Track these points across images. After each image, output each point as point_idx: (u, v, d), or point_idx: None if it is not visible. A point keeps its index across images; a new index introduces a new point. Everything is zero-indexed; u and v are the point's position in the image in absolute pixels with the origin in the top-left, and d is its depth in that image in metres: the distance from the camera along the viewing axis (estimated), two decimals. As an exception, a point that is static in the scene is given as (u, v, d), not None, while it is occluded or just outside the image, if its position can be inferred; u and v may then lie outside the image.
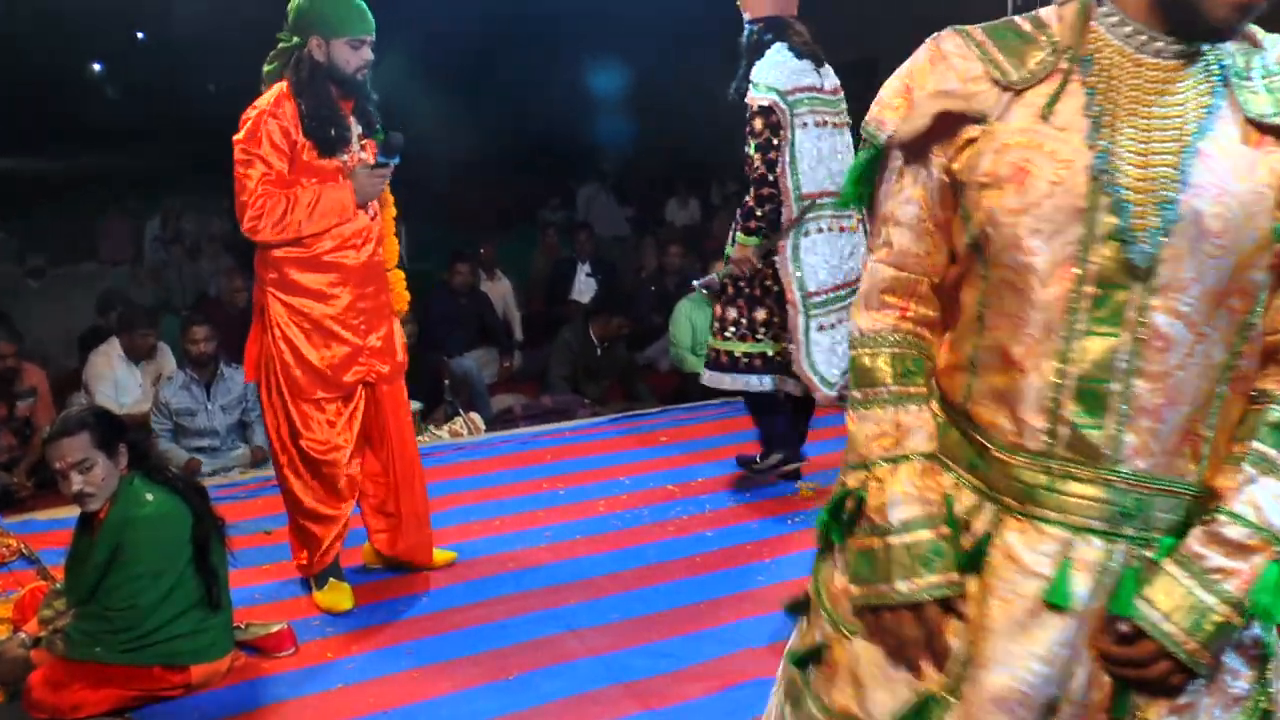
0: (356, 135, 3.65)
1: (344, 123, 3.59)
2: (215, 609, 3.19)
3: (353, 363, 3.68)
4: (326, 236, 3.57)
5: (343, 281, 3.63)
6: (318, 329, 3.62)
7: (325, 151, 3.53)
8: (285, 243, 3.53)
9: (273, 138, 3.46)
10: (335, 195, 3.55)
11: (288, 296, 3.59)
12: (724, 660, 3.39)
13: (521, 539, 4.29)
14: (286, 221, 3.48)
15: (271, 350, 3.62)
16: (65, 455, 3.02)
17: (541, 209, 14.57)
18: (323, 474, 3.67)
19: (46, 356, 6.73)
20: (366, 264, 3.69)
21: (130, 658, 3.05)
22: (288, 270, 3.57)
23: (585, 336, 6.75)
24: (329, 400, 3.67)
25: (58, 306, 9.33)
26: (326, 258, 3.59)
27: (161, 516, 3.08)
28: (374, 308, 3.74)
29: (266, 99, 3.52)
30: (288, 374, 3.61)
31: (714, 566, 4.04)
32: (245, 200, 3.47)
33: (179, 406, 5.60)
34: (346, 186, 3.57)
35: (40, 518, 4.59)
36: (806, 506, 4.58)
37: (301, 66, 3.52)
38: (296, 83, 3.51)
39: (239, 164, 3.48)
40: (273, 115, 3.47)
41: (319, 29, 3.49)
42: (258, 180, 3.45)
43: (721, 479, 4.92)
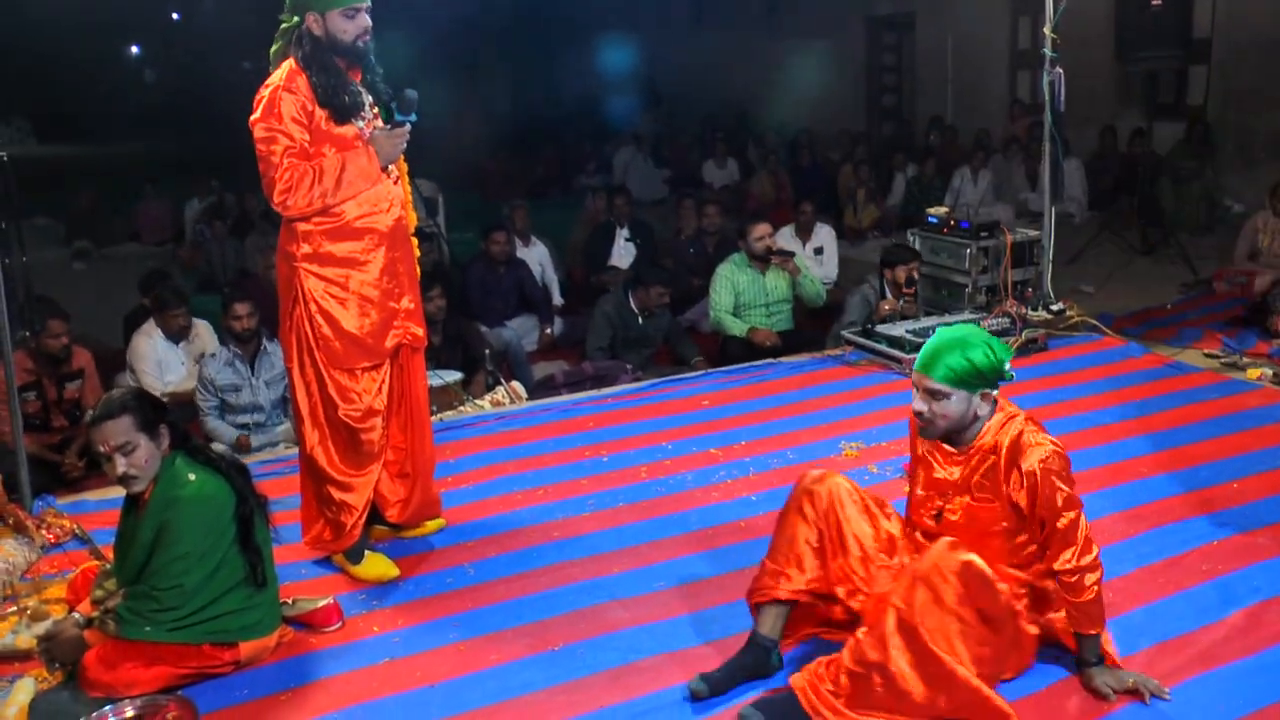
0: (369, 103, 3.67)
1: (355, 88, 3.61)
2: (261, 586, 3.21)
3: (389, 327, 3.71)
4: (354, 203, 3.59)
5: (376, 245, 3.65)
6: (355, 298, 3.63)
7: (341, 117, 3.55)
8: (314, 213, 3.55)
9: (291, 112, 3.48)
10: (359, 161, 3.56)
11: (321, 268, 3.60)
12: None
13: (564, 508, 4.27)
14: (315, 191, 3.50)
15: (305, 326, 3.62)
16: (108, 438, 3.05)
17: (578, 175, 14.51)
18: (359, 441, 3.69)
19: (93, 338, 6.80)
20: (395, 227, 3.72)
21: (179, 636, 3.07)
22: (320, 241, 3.58)
23: (626, 307, 6.69)
24: (366, 369, 3.68)
25: (102, 288, 9.45)
26: (358, 223, 3.61)
27: (204, 496, 3.10)
28: (405, 270, 3.78)
29: (278, 76, 3.54)
30: (327, 347, 3.62)
31: (759, 531, 3.98)
32: (273, 176, 3.48)
33: (224, 383, 5.64)
34: (368, 151, 3.59)
35: (91, 498, 4.64)
36: (850, 466, 4.54)
37: (304, 42, 3.54)
38: (302, 58, 3.54)
39: (261, 142, 3.49)
40: (287, 90, 3.49)
41: (313, 4, 3.51)
42: (282, 154, 3.47)
43: (764, 441, 4.88)
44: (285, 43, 3.60)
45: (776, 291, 6.74)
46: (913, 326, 5.92)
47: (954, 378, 2.86)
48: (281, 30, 3.61)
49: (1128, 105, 11.42)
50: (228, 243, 10.09)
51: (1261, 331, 6.14)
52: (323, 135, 3.54)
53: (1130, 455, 4.47)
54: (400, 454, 3.91)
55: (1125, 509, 3.97)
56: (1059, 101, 6.30)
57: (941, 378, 2.88)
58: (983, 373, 2.86)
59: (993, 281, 6.34)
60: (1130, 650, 3.09)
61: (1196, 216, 9.76)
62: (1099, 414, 4.97)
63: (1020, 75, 13.25)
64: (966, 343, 2.88)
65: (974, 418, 2.93)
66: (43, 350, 5.54)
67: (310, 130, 3.52)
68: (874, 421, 5.02)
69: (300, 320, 3.64)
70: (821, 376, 5.75)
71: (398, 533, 4.04)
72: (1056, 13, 6.21)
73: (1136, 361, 5.70)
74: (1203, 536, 3.74)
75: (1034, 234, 6.52)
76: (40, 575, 3.91)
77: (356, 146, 3.58)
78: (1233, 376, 5.45)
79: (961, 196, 10.48)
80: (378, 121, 3.67)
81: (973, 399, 2.90)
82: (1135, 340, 6.05)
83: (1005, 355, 2.92)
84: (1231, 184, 10.35)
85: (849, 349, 6.10)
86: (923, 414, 2.94)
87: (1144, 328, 6.59)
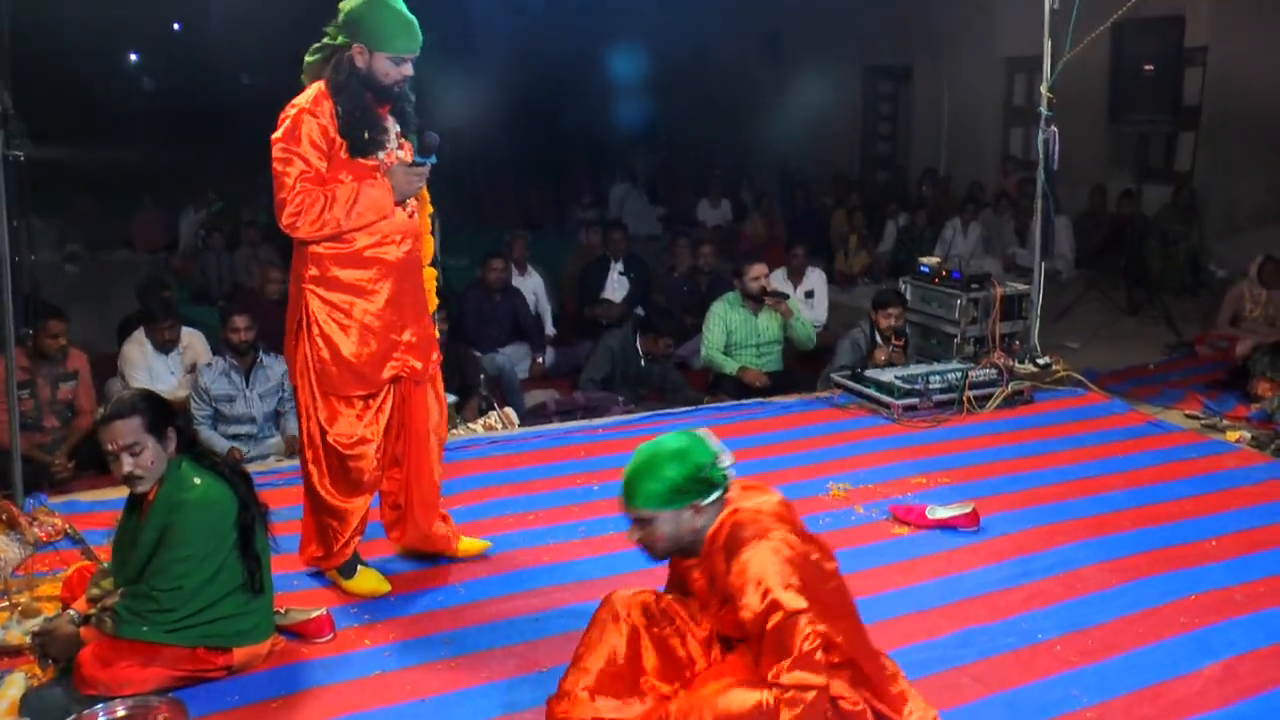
0: (395, 134, 3.69)
1: (379, 125, 3.62)
2: (258, 593, 3.25)
3: (387, 358, 3.72)
4: (366, 232, 3.60)
5: (383, 276, 3.67)
6: (356, 326, 3.65)
7: (357, 152, 3.56)
8: (323, 239, 3.57)
9: (311, 136, 3.49)
10: (373, 193, 3.57)
11: (327, 293, 3.63)
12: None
13: (555, 533, 4.33)
14: (325, 218, 3.51)
15: (307, 347, 3.65)
16: (117, 437, 3.09)
17: (574, 207, 14.61)
18: (347, 468, 3.70)
19: (85, 341, 6.82)
20: (405, 259, 3.73)
21: (175, 638, 3.11)
22: (328, 266, 3.61)
23: (631, 346, 6.75)
24: (360, 396, 3.70)
25: (95, 293, 9.47)
26: (367, 253, 3.63)
27: (208, 501, 3.14)
28: (411, 304, 3.78)
29: (305, 97, 3.56)
30: (323, 370, 3.64)
31: (746, 564, 4.06)
32: (284, 197, 3.49)
33: (218, 392, 5.68)
34: (384, 184, 3.60)
35: (83, 499, 4.66)
36: (838, 507, 4.61)
37: (341, 68, 3.55)
38: (334, 83, 3.55)
39: (278, 161, 3.50)
40: (311, 114, 3.51)
41: (366, 37, 3.52)
42: (296, 177, 3.48)
43: (753, 478, 4.87)
44: (323, 60, 3.61)
45: (768, 332, 6.83)
46: (902, 372, 6.02)
47: (653, 502, 2.67)
48: (323, 45, 3.62)
49: (1118, 166, 11.62)
50: (223, 255, 10.12)
51: (1241, 395, 6.26)
52: (341, 162, 3.55)
53: (1112, 509, 4.56)
54: (395, 485, 3.91)
55: (1106, 560, 4.05)
56: (1053, 159, 6.44)
57: (642, 505, 2.69)
58: (681, 489, 2.66)
59: (981, 332, 6.45)
60: (1107, 697, 3.17)
61: (1181, 280, 9.93)
62: (1082, 467, 5.06)
63: (1013, 131, 13.47)
64: (658, 461, 2.68)
65: (692, 531, 2.72)
66: (40, 350, 5.57)
67: (329, 155, 3.53)
68: (862, 464, 5.10)
69: (303, 341, 3.67)
70: (811, 417, 5.84)
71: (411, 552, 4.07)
72: (1054, 72, 6.37)
73: (1120, 418, 5.81)
74: (1180, 590, 3.82)
75: (1023, 288, 6.64)
76: (32, 572, 3.94)
77: (375, 177, 3.60)
78: (1212, 437, 5.56)
79: (952, 248, 10.63)
80: (401, 153, 3.68)
81: (682, 515, 2.69)
82: (1119, 397, 6.17)
83: (705, 458, 2.69)
84: (1216, 249, 10.54)
85: (838, 391, 6.18)
86: (639, 542, 2.76)
87: (1127, 385, 6.71)
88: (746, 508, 2.71)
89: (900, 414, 5.73)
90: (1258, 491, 4.78)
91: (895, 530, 4.38)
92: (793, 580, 2.56)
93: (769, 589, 2.53)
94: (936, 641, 3.50)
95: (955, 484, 4.84)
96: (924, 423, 5.68)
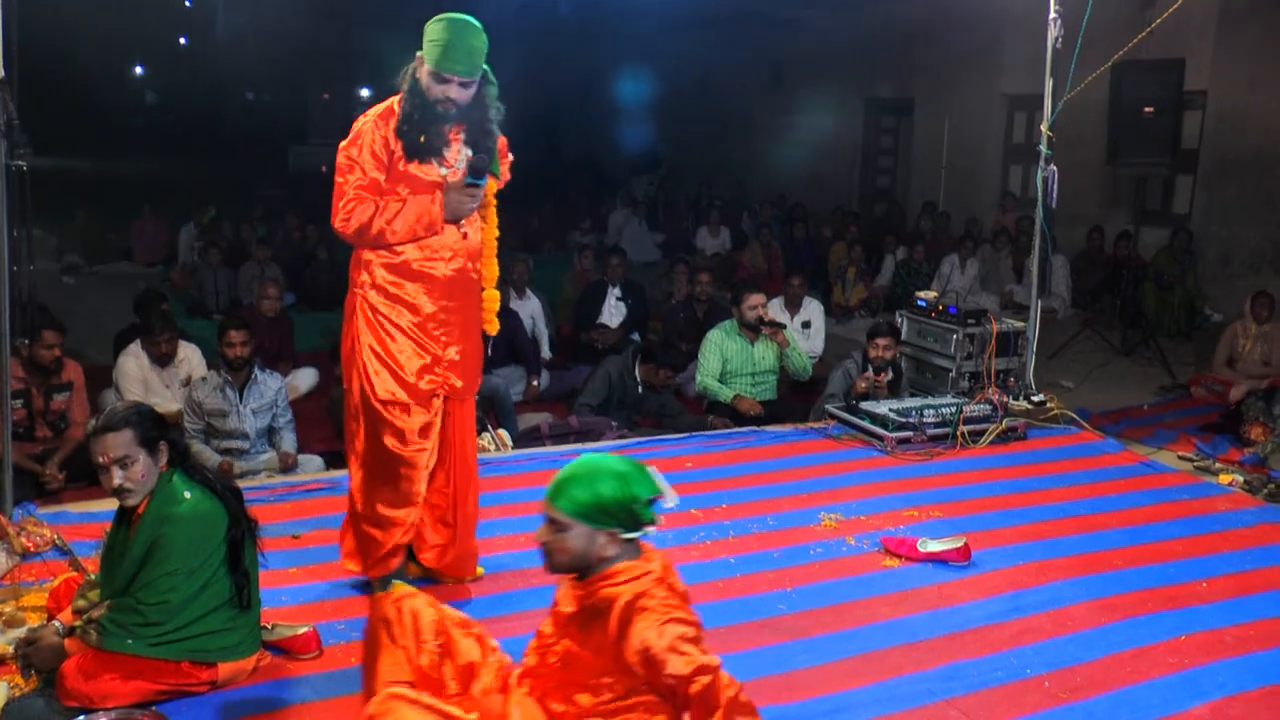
0: (457, 150, 3.74)
1: (438, 133, 3.68)
2: (246, 609, 3.23)
3: (428, 372, 3.75)
4: (416, 246, 3.69)
5: (428, 291, 3.73)
6: (402, 335, 3.71)
7: (410, 156, 3.65)
8: (369, 245, 3.67)
9: (374, 146, 3.62)
10: (421, 208, 3.65)
11: (376, 298, 3.71)
12: (741, 687, 3.39)
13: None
14: (373, 225, 3.61)
15: (357, 351, 3.72)
16: (108, 450, 3.08)
17: (573, 231, 14.65)
18: (397, 475, 3.74)
19: (80, 353, 6.82)
20: (453, 278, 3.77)
21: (160, 651, 3.09)
22: (378, 274, 3.70)
23: (630, 374, 6.75)
24: (408, 405, 3.73)
25: (92, 304, 9.46)
26: (415, 266, 3.71)
27: (198, 515, 3.13)
28: (457, 322, 3.81)
29: (378, 108, 3.68)
30: (372, 375, 3.70)
31: (735, 593, 4.06)
32: (338, 203, 3.62)
33: (212, 407, 5.67)
34: (436, 201, 3.67)
35: (72, 510, 4.64)
36: (829, 538, 4.60)
37: (405, 76, 3.68)
38: (405, 93, 3.67)
39: (340, 168, 3.64)
40: (378, 125, 3.64)
41: (425, 50, 3.62)
42: (352, 185, 3.61)
43: (745, 506, 4.94)
44: (405, 72, 3.71)
45: (764, 362, 6.84)
46: (897, 405, 6.02)
47: (576, 510, 2.56)
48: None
49: (1115, 208, 11.69)
50: (221, 270, 10.13)
51: (1235, 439, 6.27)
52: (399, 174, 3.65)
53: (1103, 548, 4.55)
54: (444, 500, 3.93)
55: (1097, 599, 4.04)
56: (1052, 198, 6.47)
57: (564, 508, 2.57)
58: (608, 509, 2.55)
59: (976, 368, 6.46)
60: (1096, 736, 3.16)
61: (1177, 322, 9.96)
62: (1074, 505, 5.06)
63: (1013, 169, 13.55)
64: (597, 474, 2.58)
65: (599, 559, 2.60)
66: (35, 360, 5.55)
67: (389, 167, 3.63)
68: (854, 495, 5.10)
69: (355, 346, 3.73)
70: (804, 448, 5.84)
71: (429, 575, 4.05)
72: (1054, 111, 6.41)
73: (1113, 457, 5.81)
74: (1171, 631, 3.81)
75: (1019, 325, 6.66)
76: (19, 582, 3.91)
77: (431, 194, 3.66)
78: (1205, 480, 5.57)
79: (950, 283, 10.66)
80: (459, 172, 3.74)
81: (596, 537, 2.57)
82: (1112, 437, 6.17)
83: (644, 493, 2.59)
84: (1211, 294, 10.58)
85: (832, 422, 6.18)
86: (545, 544, 2.64)
87: (1121, 426, 6.72)
88: (653, 573, 2.60)
89: (894, 447, 5.74)
90: (1249, 535, 4.78)
91: (886, 562, 4.38)
92: (699, 645, 2.51)
93: (689, 654, 2.46)
94: (925, 674, 3.49)
95: (947, 518, 4.84)
96: (917, 456, 5.69)
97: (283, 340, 8.05)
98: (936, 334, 6.62)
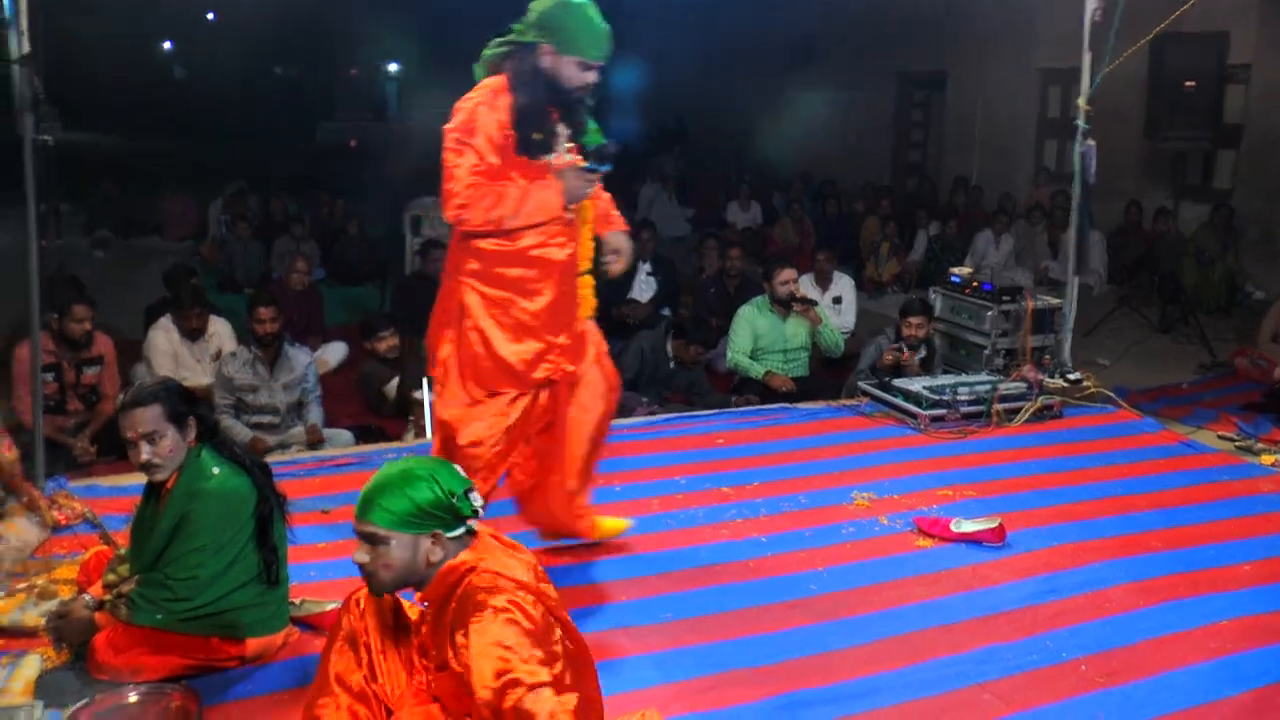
0: (565, 138, 3.67)
1: (551, 128, 3.62)
2: (274, 584, 3.22)
3: (542, 360, 3.69)
4: (531, 232, 3.60)
5: (545, 277, 3.65)
6: (513, 323, 3.63)
7: (523, 151, 3.56)
8: (486, 232, 3.56)
9: (488, 130, 3.50)
10: (542, 194, 3.57)
11: (487, 288, 3.62)
12: (772, 669, 3.36)
13: (574, 532, 4.28)
14: (493, 214, 3.51)
15: (461, 339, 3.65)
16: (136, 425, 3.07)
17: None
18: (457, 456, 3.65)
19: (111, 327, 6.84)
20: (567, 262, 3.71)
21: (189, 626, 3.09)
22: (492, 262, 3.60)
23: (662, 350, 6.69)
24: (502, 394, 3.67)
25: (122, 278, 9.51)
26: (532, 252, 3.62)
27: (226, 491, 3.12)
28: (568, 307, 3.77)
29: (484, 91, 3.56)
30: (476, 364, 3.64)
31: (766, 572, 4.01)
32: (452, 188, 3.49)
33: (242, 382, 5.67)
34: (555, 186, 3.59)
35: (103, 483, 4.66)
36: (861, 517, 4.55)
37: (525, 66, 3.56)
38: (517, 79, 3.56)
39: (450, 151, 3.50)
40: (489, 107, 3.51)
41: (556, 39, 3.52)
42: (468, 170, 3.48)
43: (777, 484, 4.89)
44: (505, 55, 3.61)
45: (795, 338, 6.77)
46: (930, 383, 5.95)
47: (394, 520, 2.44)
48: (508, 40, 3.62)
49: (1153, 183, 11.49)
50: (250, 244, 10.15)
51: (1277, 418, 6.14)
52: (513, 160, 3.55)
53: (1141, 529, 4.47)
54: (530, 478, 3.92)
55: (1135, 581, 3.96)
56: (1089, 173, 6.34)
57: (380, 521, 2.44)
58: (428, 511, 2.45)
59: (1012, 345, 6.37)
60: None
61: (1217, 299, 9.79)
62: (1112, 485, 4.97)
63: (1048, 143, 13.35)
64: (408, 479, 2.47)
65: (427, 564, 2.49)
66: (65, 334, 5.57)
67: (501, 150, 3.53)
68: (887, 474, 5.03)
69: (458, 333, 3.66)
70: (837, 425, 5.77)
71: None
72: (1092, 84, 6.27)
73: (1151, 437, 5.71)
74: (1212, 615, 3.73)
75: (1055, 302, 6.55)
76: (50, 555, 3.93)
77: (545, 177, 3.59)
78: (1246, 460, 5.45)
79: (984, 259, 10.54)
80: (569, 157, 3.66)
81: (420, 542, 2.47)
82: (1150, 416, 6.07)
83: (457, 487, 2.50)
84: (1254, 271, 10.39)
85: (864, 399, 6.12)
86: (364, 565, 2.49)
87: (1159, 404, 6.61)
88: (487, 568, 2.46)
89: (927, 425, 5.67)
90: (1293, 516, 4.68)
91: (919, 543, 4.32)
92: (533, 653, 2.33)
93: (505, 664, 2.30)
94: (958, 657, 3.43)
95: (982, 497, 4.77)
96: (951, 434, 5.61)
97: (312, 314, 8.07)
98: (971, 310, 6.52)
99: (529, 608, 2.39)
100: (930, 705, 3.17)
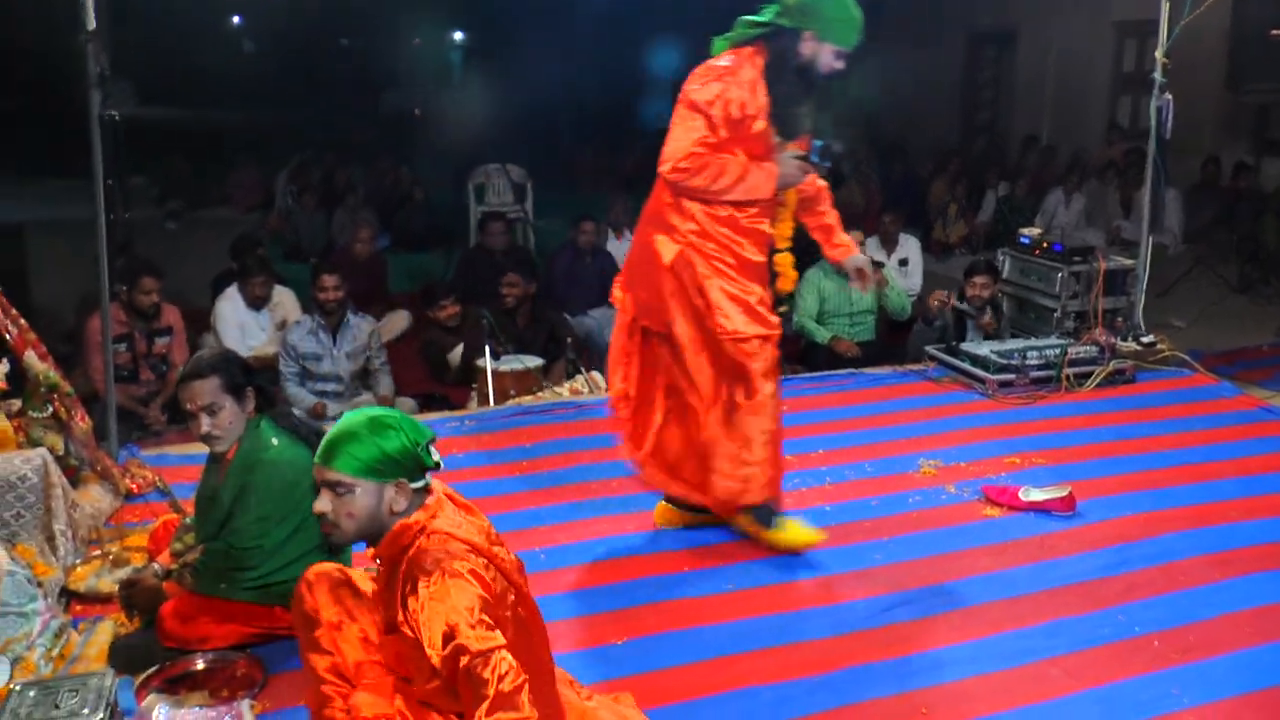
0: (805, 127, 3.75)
1: (802, 114, 3.70)
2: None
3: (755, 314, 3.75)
4: (750, 205, 3.67)
5: (756, 245, 3.75)
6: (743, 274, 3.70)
7: (783, 135, 3.65)
8: (698, 198, 3.63)
9: (729, 106, 3.55)
10: (760, 176, 3.63)
11: (708, 246, 3.67)
12: (836, 640, 3.33)
13: (638, 501, 4.25)
14: (712, 185, 3.58)
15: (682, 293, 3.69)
16: (195, 397, 3.10)
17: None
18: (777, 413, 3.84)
19: (181, 296, 6.95)
20: (770, 237, 3.81)
21: (253, 596, 3.13)
22: (708, 225, 3.66)
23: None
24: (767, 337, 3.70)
25: (192, 249, 9.64)
26: (744, 222, 3.70)
27: (286, 462, 3.13)
28: (766, 278, 3.82)
29: (732, 63, 3.61)
30: (698, 320, 3.70)
31: (830, 542, 3.95)
32: (676, 149, 3.56)
33: (306, 350, 5.73)
34: (771, 171, 3.65)
35: (174, 452, 4.74)
36: (928, 485, 4.48)
37: (787, 52, 3.61)
38: (773, 62, 3.61)
39: (684, 114, 3.57)
40: (735, 81, 3.57)
41: (818, 26, 3.57)
42: (696, 139, 3.54)
43: (842, 451, 4.83)
44: (756, 35, 3.64)
45: (861, 301, 6.68)
46: (998, 347, 5.83)
47: (360, 468, 2.40)
48: (757, 22, 3.64)
49: (1233, 138, 11.11)
50: (316, 214, 10.24)
51: (1362, 381, 5.94)
52: (743, 136, 3.60)
53: (1219, 498, 4.34)
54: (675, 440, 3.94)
55: (1212, 552, 3.85)
56: (1165, 128, 6.14)
57: (345, 468, 2.40)
58: (395, 459, 2.41)
59: (1082, 308, 6.21)
60: (1210, 699, 3.01)
61: (1298, 257, 9.48)
62: (1186, 452, 4.84)
63: (1122, 99, 12.97)
64: (377, 426, 2.43)
65: (389, 513, 2.44)
66: (134, 305, 5.67)
67: (733, 125, 3.57)
68: (954, 440, 4.95)
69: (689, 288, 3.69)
70: (903, 390, 5.69)
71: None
72: (1170, 36, 6.06)
73: (1229, 402, 5.54)
74: (1293, 588, 3.62)
75: (1128, 262, 6.37)
76: (123, 523, 4.01)
77: (769, 158, 3.65)
78: (1329, 425, 5.28)
79: (1054, 219, 10.30)
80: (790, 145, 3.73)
81: (385, 490, 2.42)
82: (1227, 380, 5.88)
83: (421, 438, 2.46)
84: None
85: (932, 364, 6.02)
86: (326, 515, 2.45)
87: (1237, 367, 6.41)
88: (439, 529, 2.41)
89: (995, 390, 5.56)
90: (1378, 485, 4.51)
91: (987, 511, 4.24)
92: (482, 617, 2.27)
93: (454, 629, 2.25)
94: (1026, 631, 3.37)
95: (1051, 465, 4.67)
96: (1020, 400, 5.50)
97: (375, 282, 8.12)
98: (1040, 272, 6.37)
99: (481, 571, 2.35)
100: (997, 680, 3.11)
